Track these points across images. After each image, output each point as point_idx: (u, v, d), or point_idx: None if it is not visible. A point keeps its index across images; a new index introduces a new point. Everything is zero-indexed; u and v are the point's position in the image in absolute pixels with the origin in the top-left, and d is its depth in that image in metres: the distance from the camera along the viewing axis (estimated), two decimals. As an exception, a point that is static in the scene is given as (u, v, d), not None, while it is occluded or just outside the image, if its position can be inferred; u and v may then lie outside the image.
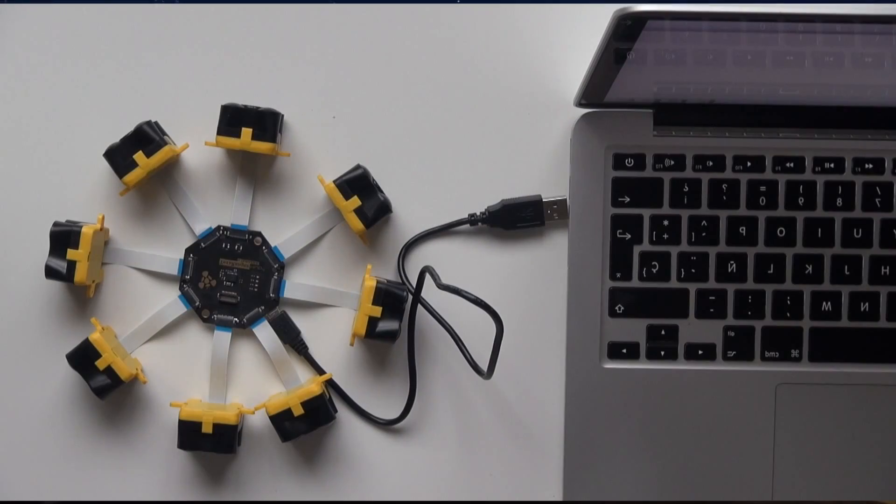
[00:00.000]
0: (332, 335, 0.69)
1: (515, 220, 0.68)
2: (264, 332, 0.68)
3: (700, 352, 0.67)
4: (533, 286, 0.68)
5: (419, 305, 0.67)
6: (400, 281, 0.68)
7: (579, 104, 0.66)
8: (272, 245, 0.68)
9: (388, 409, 0.69)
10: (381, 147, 0.69)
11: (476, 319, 0.66)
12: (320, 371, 0.68)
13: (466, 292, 0.60)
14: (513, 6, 0.68)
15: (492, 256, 0.68)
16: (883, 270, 0.66)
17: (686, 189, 0.66)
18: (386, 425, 0.68)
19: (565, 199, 0.67)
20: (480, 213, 0.68)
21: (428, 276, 0.65)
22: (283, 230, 0.68)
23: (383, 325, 0.66)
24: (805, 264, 0.66)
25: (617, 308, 0.67)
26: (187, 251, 0.68)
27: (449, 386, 0.68)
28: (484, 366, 0.63)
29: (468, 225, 0.68)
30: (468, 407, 0.68)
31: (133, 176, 0.66)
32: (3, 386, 0.68)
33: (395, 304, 0.66)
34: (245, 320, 0.68)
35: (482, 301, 0.60)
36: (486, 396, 0.68)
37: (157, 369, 0.68)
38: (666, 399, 0.66)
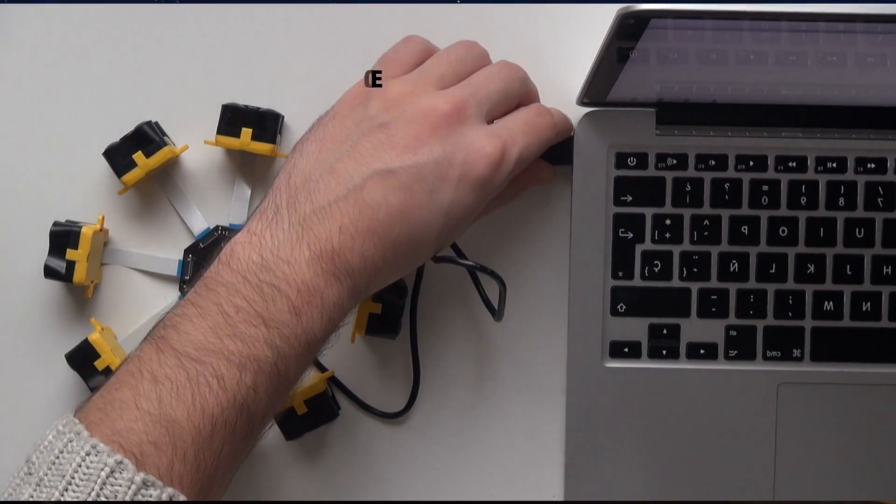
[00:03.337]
0: (333, 332, 0.68)
1: None
2: (265, 332, 0.68)
3: (702, 351, 0.66)
4: (534, 285, 0.68)
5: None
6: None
7: (582, 103, 0.65)
8: (272, 245, 0.68)
9: (391, 404, 0.68)
10: (381, 146, 0.68)
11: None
12: (322, 368, 0.68)
13: (463, 260, 0.60)
14: (513, 6, 0.68)
15: (492, 254, 0.68)
16: (885, 270, 0.66)
17: (688, 188, 0.66)
18: (390, 418, 0.68)
19: (571, 137, 0.66)
20: (482, 212, 0.68)
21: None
22: (283, 230, 0.68)
23: (384, 322, 0.66)
24: (807, 264, 0.66)
25: (619, 307, 0.66)
26: (186, 251, 0.68)
27: (449, 384, 0.68)
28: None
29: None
30: (468, 406, 0.68)
31: (132, 176, 0.66)
32: (2, 386, 0.68)
33: (395, 300, 0.66)
34: (245, 320, 0.68)
35: (480, 265, 0.60)
36: (486, 394, 0.68)
37: (157, 370, 0.68)
38: (667, 398, 0.66)
